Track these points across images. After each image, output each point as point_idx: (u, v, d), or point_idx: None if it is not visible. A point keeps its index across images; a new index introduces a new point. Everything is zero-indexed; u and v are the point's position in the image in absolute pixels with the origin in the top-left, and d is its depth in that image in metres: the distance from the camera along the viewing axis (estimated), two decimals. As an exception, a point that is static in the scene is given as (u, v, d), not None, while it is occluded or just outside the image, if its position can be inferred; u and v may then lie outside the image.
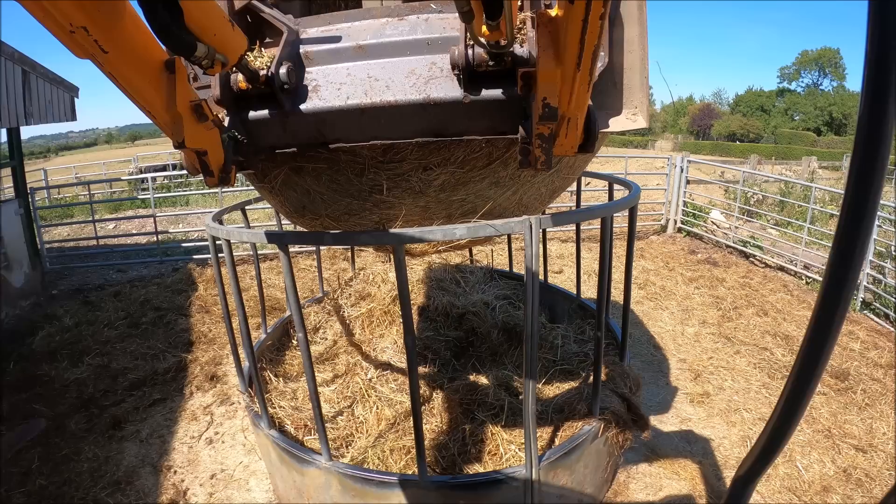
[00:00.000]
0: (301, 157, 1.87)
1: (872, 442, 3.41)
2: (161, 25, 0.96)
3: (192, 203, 12.00)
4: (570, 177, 2.40)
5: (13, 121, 5.76)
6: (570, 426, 2.58)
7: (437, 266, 4.68)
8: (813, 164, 20.92)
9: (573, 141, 1.36)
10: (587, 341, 3.47)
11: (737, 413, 3.75)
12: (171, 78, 1.19)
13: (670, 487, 3.00)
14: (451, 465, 2.50)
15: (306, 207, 2.15)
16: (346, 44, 1.56)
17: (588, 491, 2.55)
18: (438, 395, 2.98)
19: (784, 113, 61.12)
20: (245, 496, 3.07)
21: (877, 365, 4.38)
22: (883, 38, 0.52)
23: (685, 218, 8.67)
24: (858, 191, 0.57)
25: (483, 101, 1.44)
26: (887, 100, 0.53)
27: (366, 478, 2.20)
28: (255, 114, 1.57)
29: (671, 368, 4.42)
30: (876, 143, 0.55)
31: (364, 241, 1.97)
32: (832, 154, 34.79)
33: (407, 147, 1.79)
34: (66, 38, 0.91)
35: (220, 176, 1.55)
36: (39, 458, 3.33)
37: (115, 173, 19.97)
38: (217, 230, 2.31)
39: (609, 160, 18.09)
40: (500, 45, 1.25)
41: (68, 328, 5.30)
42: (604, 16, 0.89)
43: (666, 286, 6.34)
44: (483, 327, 3.54)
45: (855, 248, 0.60)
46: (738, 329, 5.13)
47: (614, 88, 1.55)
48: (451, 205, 2.00)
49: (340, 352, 3.61)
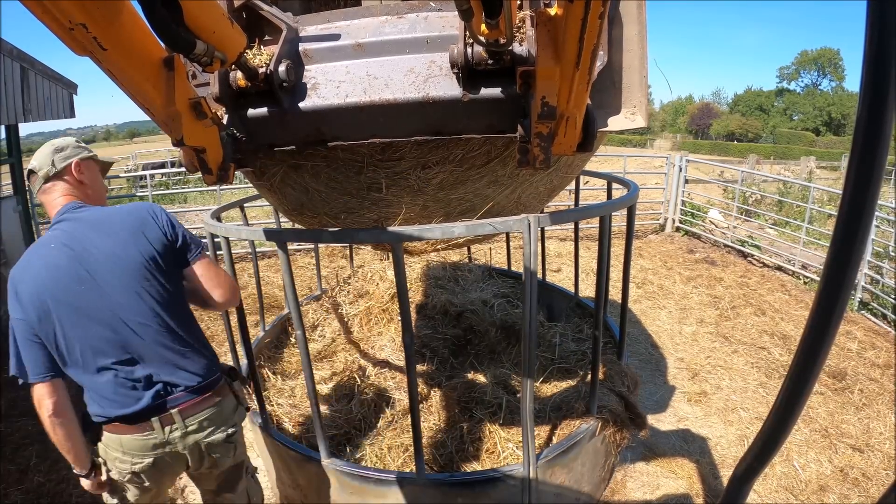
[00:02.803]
0: (300, 155, 1.87)
1: (869, 442, 3.42)
2: (160, 23, 0.96)
3: (190, 200, 11.99)
4: (569, 176, 2.40)
5: (11, 118, 5.74)
6: (567, 424, 2.58)
7: (435, 264, 4.68)
8: (811, 164, 20.95)
9: (572, 140, 1.36)
10: (585, 340, 3.48)
11: (734, 412, 3.76)
12: (170, 75, 1.19)
13: (667, 486, 3.01)
14: (449, 463, 2.51)
15: (305, 205, 2.15)
16: (346, 42, 1.56)
17: (585, 489, 2.56)
18: (436, 393, 2.98)
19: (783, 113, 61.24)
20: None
21: (874, 365, 4.40)
22: (882, 38, 0.52)
23: (683, 217, 8.68)
24: (856, 191, 0.57)
25: (482, 99, 1.44)
26: (886, 100, 0.53)
27: (363, 475, 2.20)
28: (254, 111, 1.57)
29: (669, 367, 4.43)
30: (874, 144, 0.55)
31: (362, 239, 1.97)
32: (831, 154, 34.87)
33: (405, 145, 1.79)
34: (64, 34, 0.90)
35: (218, 174, 1.55)
36: (37, 456, 3.33)
37: (114, 170, 19.92)
38: (215, 228, 2.31)
39: (608, 159, 18.09)
40: (500, 44, 1.25)
41: (66, 325, 5.28)
42: (603, 15, 0.89)
43: (664, 285, 6.35)
44: (481, 325, 3.54)
45: (853, 247, 0.60)
46: (736, 328, 5.14)
47: (613, 87, 1.56)
48: (449, 203, 2.00)
49: (339, 349, 3.61)
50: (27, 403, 3.86)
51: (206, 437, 1.73)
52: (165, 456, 1.70)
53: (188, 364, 1.69)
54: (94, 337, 1.58)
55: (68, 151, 1.70)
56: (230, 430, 1.79)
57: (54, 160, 1.68)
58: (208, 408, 1.73)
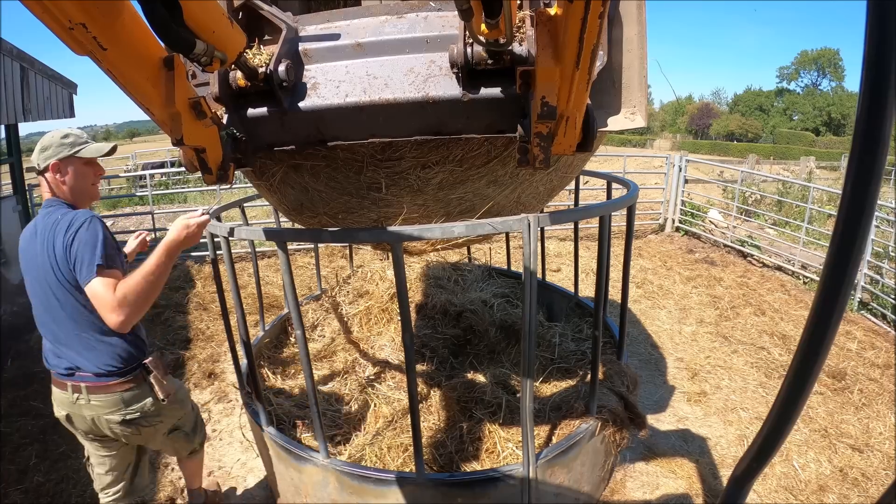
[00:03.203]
0: (299, 155, 1.87)
1: (869, 442, 3.42)
2: (160, 22, 0.96)
3: (190, 200, 11.98)
4: (569, 175, 2.40)
5: (11, 117, 5.73)
6: (567, 424, 2.58)
7: (434, 264, 4.68)
8: (811, 164, 20.96)
9: (571, 140, 1.36)
10: (585, 340, 3.47)
11: (734, 412, 3.76)
12: (170, 75, 1.19)
13: (667, 486, 3.01)
14: (449, 462, 2.51)
15: (304, 205, 2.14)
16: (345, 41, 1.56)
17: (585, 489, 2.55)
18: (436, 392, 2.98)
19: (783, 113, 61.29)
20: (242, 494, 3.07)
21: (874, 365, 4.40)
22: (881, 39, 0.52)
23: (683, 217, 8.69)
24: (856, 191, 0.58)
25: (482, 99, 1.44)
26: (885, 100, 0.53)
27: (363, 475, 2.20)
28: (254, 111, 1.57)
29: (668, 367, 4.43)
30: (874, 144, 0.55)
31: (362, 239, 1.97)
32: (830, 154, 34.91)
33: (405, 145, 1.79)
34: (64, 34, 0.90)
35: (218, 173, 1.55)
36: (37, 456, 3.33)
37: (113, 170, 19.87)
38: (215, 227, 2.30)
39: (607, 159, 18.09)
40: (499, 44, 1.25)
41: (66, 325, 5.28)
42: (603, 15, 0.90)
43: (663, 285, 6.35)
44: (481, 325, 3.53)
45: (852, 248, 0.60)
46: (736, 328, 5.14)
47: (613, 87, 1.56)
48: (449, 203, 2.00)
49: (338, 349, 3.61)
50: (27, 403, 3.88)
51: (106, 414, 2.05)
52: (75, 417, 2.08)
53: (93, 356, 1.99)
54: (38, 308, 2.02)
55: (50, 152, 1.96)
56: (130, 416, 2.09)
57: (39, 159, 1.97)
58: (110, 393, 2.03)
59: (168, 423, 2.28)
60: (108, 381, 2.01)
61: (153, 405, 2.14)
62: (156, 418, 2.18)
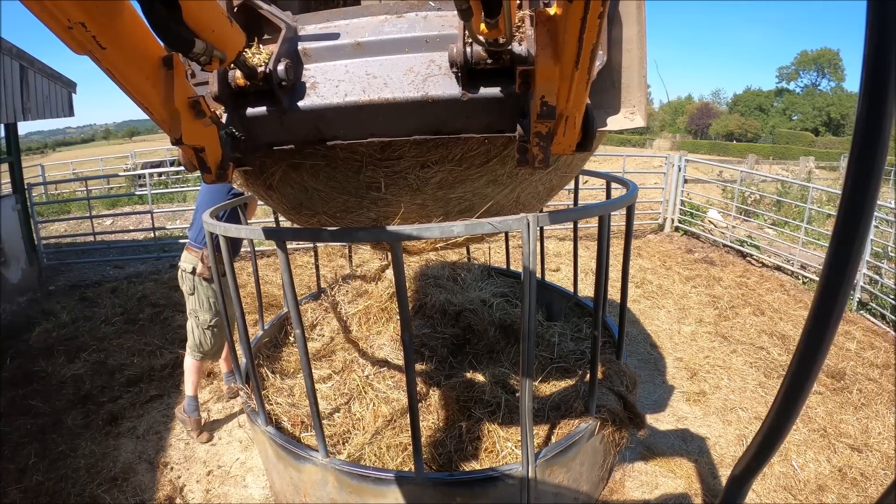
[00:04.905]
0: (299, 154, 1.87)
1: (868, 441, 3.43)
2: (159, 22, 0.95)
3: (189, 199, 11.97)
4: (568, 175, 2.40)
5: (10, 116, 5.73)
6: (566, 424, 2.58)
7: (434, 263, 4.68)
8: (810, 164, 20.99)
9: (571, 139, 1.36)
10: (584, 339, 3.48)
11: (733, 412, 3.77)
12: (169, 74, 1.18)
13: (666, 486, 3.02)
14: (448, 462, 2.51)
15: (303, 204, 2.14)
16: (345, 41, 1.55)
17: (584, 489, 2.56)
18: (435, 392, 2.98)
19: (782, 113, 61.32)
20: (242, 493, 3.07)
21: (873, 365, 4.41)
22: (881, 39, 0.52)
23: (682, 217, 8.69)
24: (856, 191, 0.58)
25: (481, 98, 1.43)
26: (885, 100, 0.53)
27: (362, 474, 2.20)
28: (253, 110, 1.57)
29: (668, 367, 4.43)
30: (873, 144, 0.55)
31: (362, 238, 1.96)
32: (830, 154, 34.93)
33: (405, 144, 1.79)
34: (63, 33, 0.90)
35: (217, 172, 1.54)
36: (36, 455, 3.33)
37: (113, 169, 19.89)
38: (215, 227, 2.30)
39: (607, 159, 18.09)
40: (499, 43, 1.25)
41: (65, 324, 5.28)
42: (602, 14, 0.89)
43: (663, 285, 6.35)
44: (480, 325, 3.54)
45: (852, 248, 0.60)
46: (735, 328, 5.14)
47: (612, 87, 1.55)
48: (448, 202, 1.99)
49: (337, 349, 3.61)
50: (26, 402, 3.88)
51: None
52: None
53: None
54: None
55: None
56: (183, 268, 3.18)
57: None
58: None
59: (192, 300, 3.37)
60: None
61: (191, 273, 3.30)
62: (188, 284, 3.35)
